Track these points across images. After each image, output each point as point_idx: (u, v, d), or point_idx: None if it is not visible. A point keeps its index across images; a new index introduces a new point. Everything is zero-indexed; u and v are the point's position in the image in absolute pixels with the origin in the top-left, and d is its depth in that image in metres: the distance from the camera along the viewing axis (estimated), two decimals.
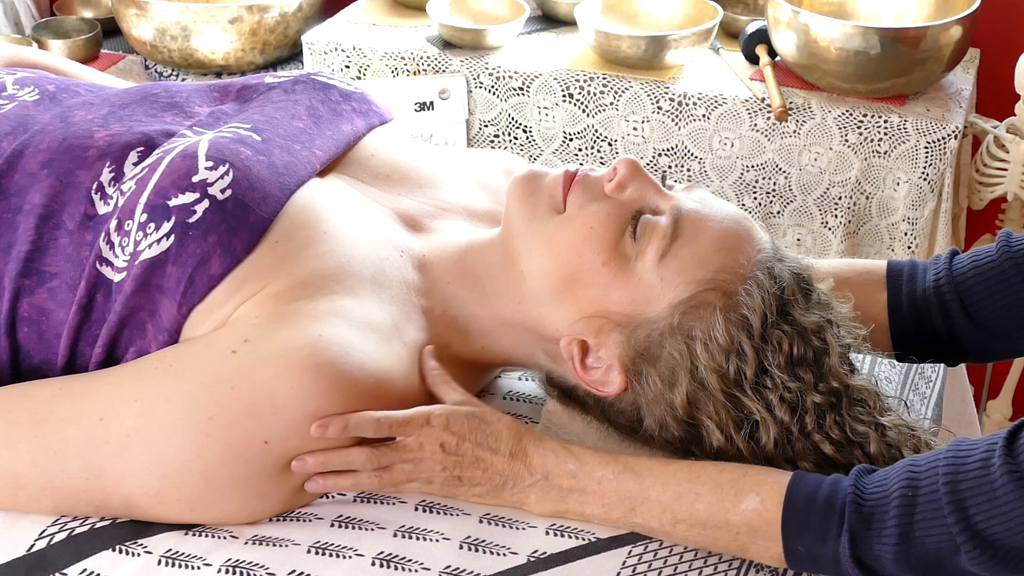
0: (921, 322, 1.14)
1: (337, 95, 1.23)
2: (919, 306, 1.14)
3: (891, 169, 1.97)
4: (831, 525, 0.94)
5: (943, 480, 0.91)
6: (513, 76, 2.11)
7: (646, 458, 1.03)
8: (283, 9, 2.25)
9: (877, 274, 1.17)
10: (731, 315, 1.01)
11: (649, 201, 1.06)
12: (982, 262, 1.13)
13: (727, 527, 0.98)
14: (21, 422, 1.01)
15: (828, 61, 1.94)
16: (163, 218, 1.04)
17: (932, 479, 0.92)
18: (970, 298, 1.12)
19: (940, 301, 1.13)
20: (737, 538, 0.98)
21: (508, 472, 1.03)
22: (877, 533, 0.93)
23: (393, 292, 1.09)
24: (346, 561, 0.99)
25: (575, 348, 1.06)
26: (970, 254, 1.15)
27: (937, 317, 1.14)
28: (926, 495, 0.92)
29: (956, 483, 0.91)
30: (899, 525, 0.92)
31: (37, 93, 1.19)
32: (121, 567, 0.99)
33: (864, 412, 1.04)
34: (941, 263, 1.15)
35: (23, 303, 1.07)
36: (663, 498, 0.99)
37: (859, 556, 0.94)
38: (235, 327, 1.02)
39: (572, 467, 1.02)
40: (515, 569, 0.99)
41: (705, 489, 0.98)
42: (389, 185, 1.20)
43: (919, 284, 1.15)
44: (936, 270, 1.15)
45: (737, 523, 0.97)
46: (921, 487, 0.93)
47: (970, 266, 1.13)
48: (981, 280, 1.12)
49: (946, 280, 1.14)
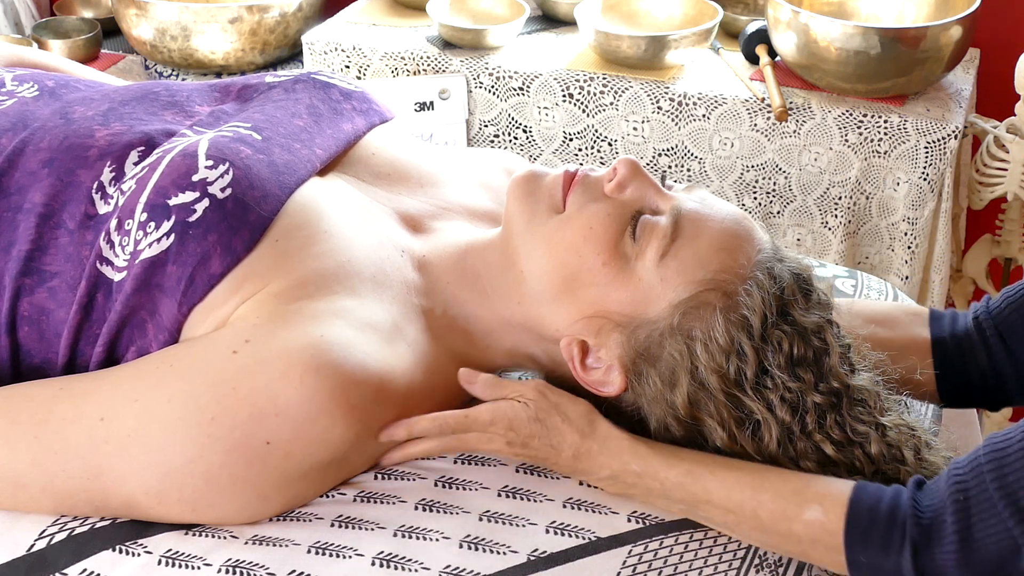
0: (965, 359, 1.15)
1: (338, 94, 1.23)
2: (962, 344, 1.15)
3: (891, 169, 1.97)
4: (893, 539, 0.95)
5: (989, 477, 0.92)
6: (513, 76, 2.11)
7: (710, 460, 1.02)
8: (283, 9, 2.25)
9: (921, 315, 1.19)
10: (731, 315, 1.01)
11: (649, 201, 1.06)
12: (1013, 294, 1.14)
13: (790, 535, 0.99)
14: (22, 422, 1.01)
15: (828, 61, 1.94)
16: (163, 217, 1.03)
17: (978, 478, 0.93)
18: (1008, 329, 1.14)
19: (981, 337, 1.15)
20: (799, 545, 0.99)
21: (573, 468, 1.05)
22: (938, 543, 0.94)
23: (394, 292, 1.09)
24: (346, 561, 0.99)
25: (575, 348, 1.06)
26: (1002, 292, 1.16)
27: (981, 354, 1.15)
28: (977, 495, 0.93)
29: (1003, 476, 0.92)
30: (958, 531, 0.93)
31: (36, 89, 1.19)
32: (121, 567, 0.99)
33: (864, 412, 1.04)
34: (979, 304, 1.18)
35: (23, 302, 1.07)
36: (726, 504, 1.00)
37: (922, 569, 0.94)
38: (236, 327, 1.02)
39: (636, 468, 1.02)
40: (515, 568, 0.99)
41: (767, 497, 0.99)
42: (390, 184, 1.20)
43: (960, 323, 1.17)
44: (975, 310, 1.17)
45: (799, 532, 0.98)
46: (970, 489, 0.93)
47: (1004, 301, 1.15)
48: (1015, 310, 1.14)
49: (984, 316, 1.16)
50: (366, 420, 1.01)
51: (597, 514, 1.04)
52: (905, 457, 1.04)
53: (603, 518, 1.04)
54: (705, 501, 1.01)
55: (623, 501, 1.05)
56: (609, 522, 1.03)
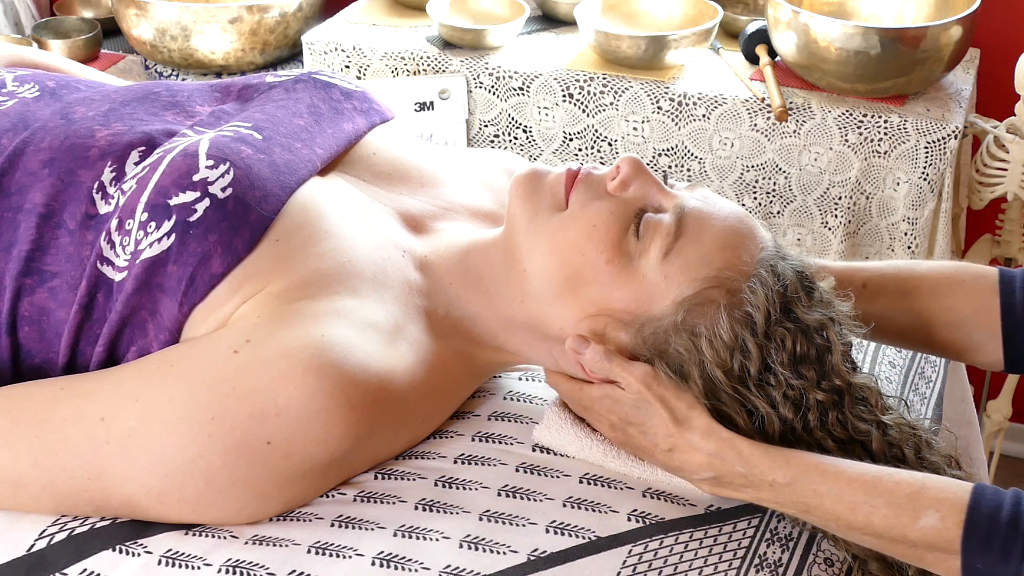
0: None
1: (338, 93, 1.23)
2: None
3: (891, 169, 1.97)
4: (1015, 547, 0.92)
5: None
6: (513, 76, 2.11)
7: (819, 462, 0.99)
8: (283, 9, 2.25)
9: (990, 279, 1.14)
10: (735, 312, 1.01)
11: (652, 199, 1.06)
12: None
13: (904, 541, 0.96)
14: (22, 422, 1.01)
15: (828, 61, 1.94)
16: (164, 217, 1.03)
17: None
18: None
19: None
20: (913, 550, 0.96)
21: (669, 463, 1.03)
22: None
23: (395, 292, 1.09)
24: (346, 561, 0.99)
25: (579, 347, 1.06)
26: None
27: None
28: None
29: None
30: None
31: (37, 89, 1.19)
32: (121, 567, 0.99)
33: (866, 410, 1.04)
34: None
35: (24, 302, 1.07)
36: (837, 508, 0.97)
37: None
38: (237, 327, 1.02)
39: (741, 470, 0.99)
40: (515, 568, 0.99)
41: (881, 502, 0.96)
42: (391, 184, 1.20)
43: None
44: None
45: (915, 538, 0.95)
46: None
47: None
48: None
49: None
50: (367, 420, 1.01)
51: (597, 513, 1.04)
52: (906, 455, 1.04)
53: (603, 517, 1.04)
54: (816, 506, 0.98)
55: (623, 500, 1.05)
56: (609, 521, 1.03)
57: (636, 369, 1.02)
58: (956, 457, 1.10)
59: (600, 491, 1.06)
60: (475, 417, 1.15)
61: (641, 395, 1.02)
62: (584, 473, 1.08)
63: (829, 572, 1.04)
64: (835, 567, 1.05)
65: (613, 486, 1.07)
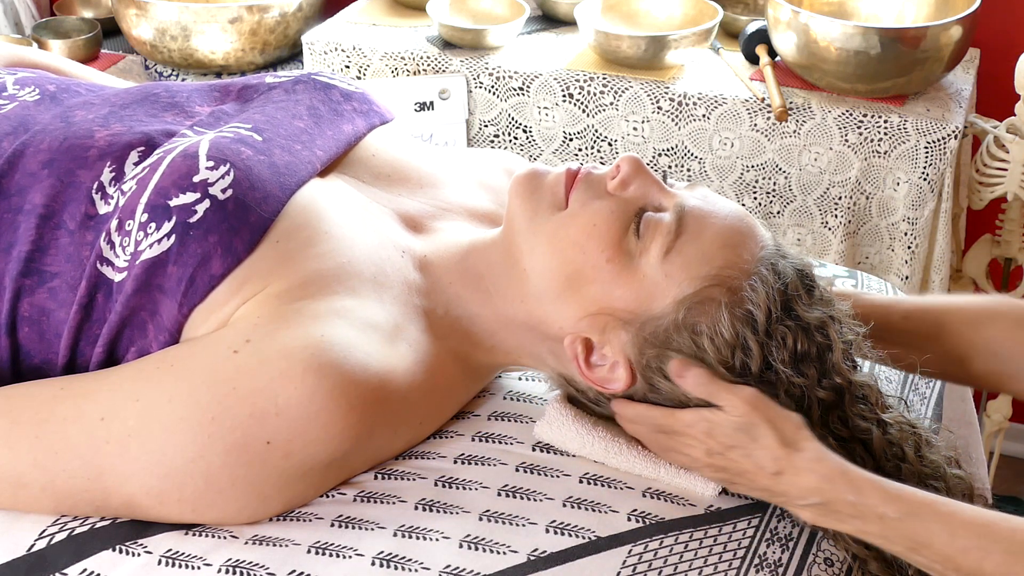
0: None
1: (338, 95, 1.23)
2: None
3: (891, 169, 1.97)
4: None
5: None
6: (513, 76, 2.11)
7: (934, 501, 0.96)
8: (283, 9, 2.25)
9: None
10: (736, 311, 1.01)
11: (652, 198, 1.06)
12: None
13: None
14: (23, 422, 1.01)
15: (828, 61, 1.94)
16: (164, 218, 1.03)
17: None
18: None
19: None
20: None
21: (774, 489, 1.00)
22: None
23: (395, 292, 1.09)
24: (346, 561, 0.99)
25: (579, 346, 1.06)
26: None
27: None
28: None
29: None
30: None
31: (37, 93, 1.19)
32: (121, 567, 0.99)
33: (867, 409, 1.04)
34: None
35: (24, 303, 1.07)
36: (948, 549, 0.94)
37: None
38: (236, 327, 1.02)
39: (851, 499, 0.96)
40: (515, 568, 0.99)
41: (995, 548, 0.92)
42: (390, 185, 1.20)
43: None
44: None
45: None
46: None
47: None
48: None
49: None
50: (366, 420, 1.01)
51: (597, 513, 1.04)
52: (906, 454, 1.04)
53: (603, 517, 1.04)
54: (925, 544, 0.94)
55: (623, 500, 1.05)
56: (609, 521, 1.03)
57: (743, 391, 1.00)
58: (956, 457, 1.10)
59: (600, 491, 1.06)
60: (475, 417, 1.15)
61: (747, 417, 0.99)
62: (584, 473, 1.08)
63: (829, 572, 1.04)
64: (835, 567, 1.05)
65: (613, 486, 1.07)
